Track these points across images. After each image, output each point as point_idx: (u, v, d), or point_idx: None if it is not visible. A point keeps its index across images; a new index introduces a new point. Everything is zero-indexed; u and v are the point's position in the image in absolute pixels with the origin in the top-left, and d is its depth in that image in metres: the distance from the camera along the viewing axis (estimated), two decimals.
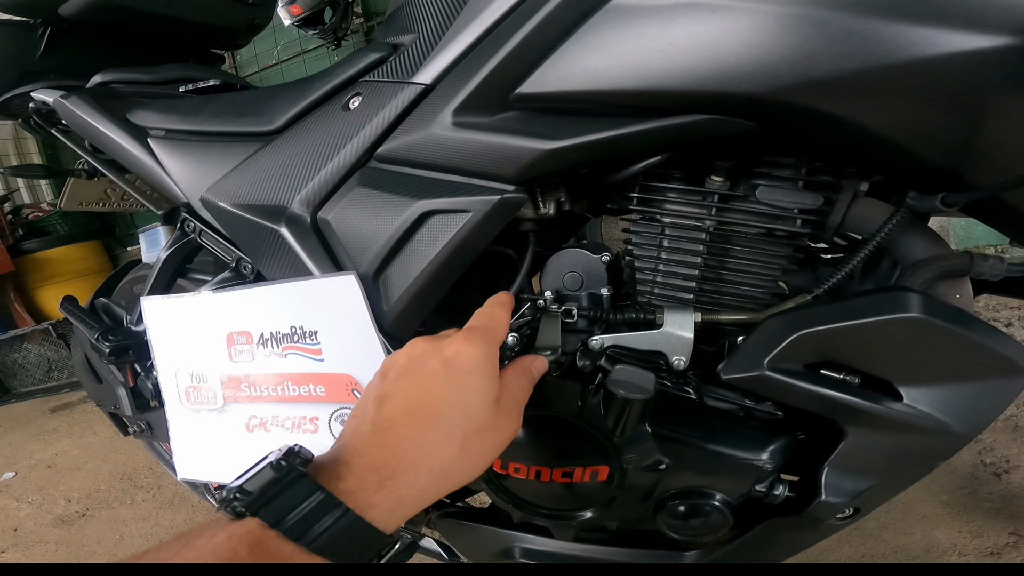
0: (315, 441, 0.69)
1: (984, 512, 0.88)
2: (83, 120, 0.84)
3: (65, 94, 0.87)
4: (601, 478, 0.51)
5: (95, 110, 0.82)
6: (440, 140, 0.52)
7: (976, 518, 0.87)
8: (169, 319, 0.78)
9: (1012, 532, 0.84)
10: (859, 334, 0.46)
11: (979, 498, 0.90)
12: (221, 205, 0.70)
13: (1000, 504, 0.88)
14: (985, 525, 0.86)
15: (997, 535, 0.84)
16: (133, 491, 1.56)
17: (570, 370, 0.53)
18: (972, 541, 0.84)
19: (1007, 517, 0.86)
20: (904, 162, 0.41)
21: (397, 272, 0.57)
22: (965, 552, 0.84)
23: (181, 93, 0.92)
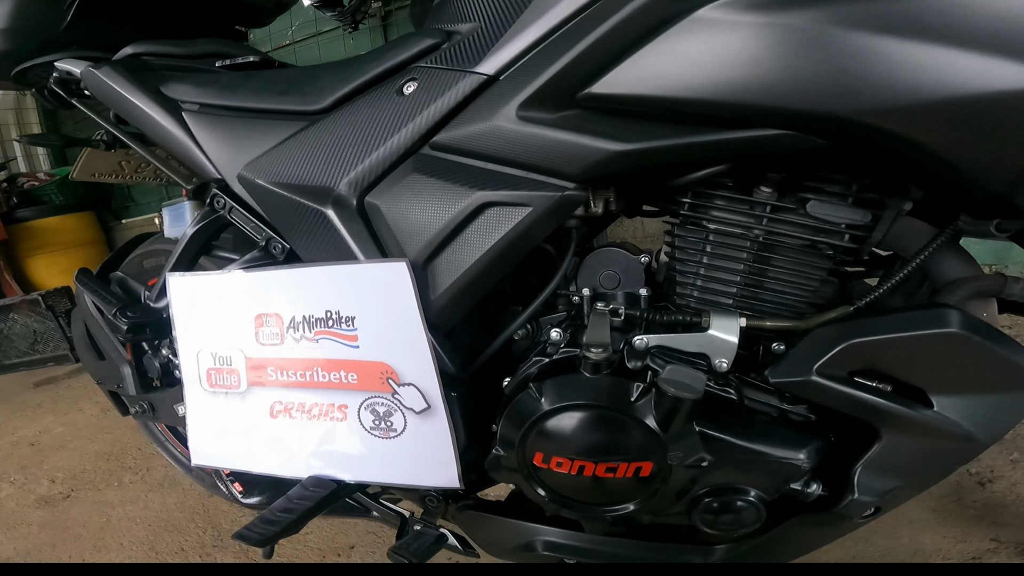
0: (343, 429, 0.67)
1: (968, 519, 0.91)
2: (112, 90, 0.80)
3: (95, 64, 0.83)
4: (644, 474, 0.51)
5: (127, 81, 0.79)
6: (503, 132, 0.51)
7: (960, 524, 0.90)
8: (195, 297, 0.75)
9: (993, 539, 0.87)
10: (905, 346, 0.47)
11: (964, 505, 0.93)
12: (260, 183, 0.68)
13: (983, 512, 0.92)
14: (969, 531, 0.89)
15: (980, 541, 0.87)
16: (120, 472, 1.49)
17: (619, 368, 0.52)
18: (956, 546, 0.87)
19: (989, 524, 0.89)
20: (965, 187, 0.42)
21: (448, 262, 0.56)
22: (949, 556, 0.86)
23: (217, 68, 0.88)
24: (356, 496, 0.75)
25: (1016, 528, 0.88)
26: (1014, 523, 0.89)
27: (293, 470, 0.72)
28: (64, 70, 0.90)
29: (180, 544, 1.21)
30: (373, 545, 1.11)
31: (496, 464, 0.59)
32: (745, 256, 0.54)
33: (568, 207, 0.52)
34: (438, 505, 0.69)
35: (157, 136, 0.79)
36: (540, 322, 0.63)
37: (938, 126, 0.38)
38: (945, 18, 0.36)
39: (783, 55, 0.40)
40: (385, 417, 0.64)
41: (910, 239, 0.54)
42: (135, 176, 1.22)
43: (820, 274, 0.54)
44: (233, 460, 0.78)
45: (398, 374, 0.61)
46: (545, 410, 0.52)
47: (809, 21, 0.39)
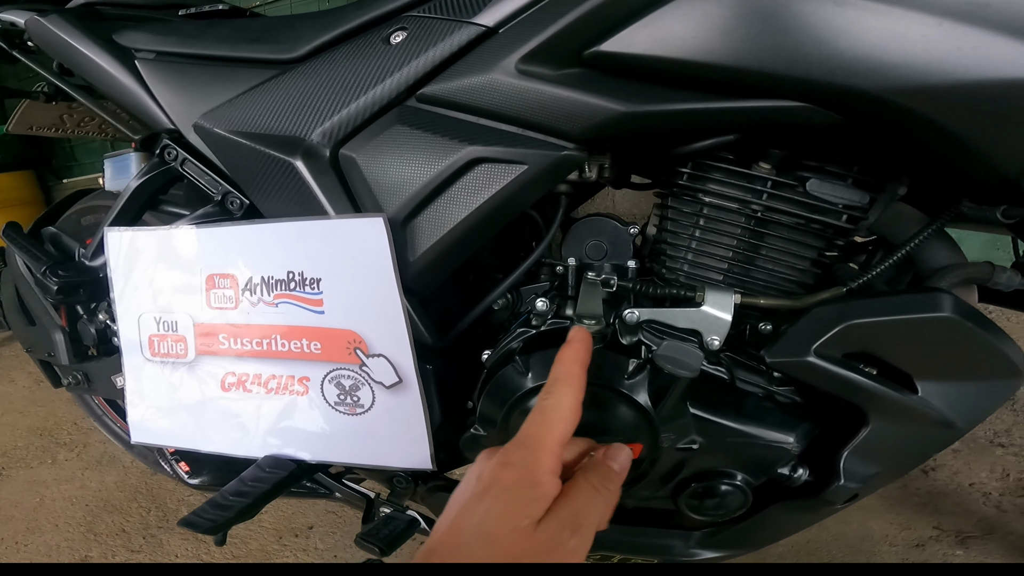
0: (304, 404, 0.60)
1: (912, 506, 0.93)
2: (59, 39, 0.71)
3: (42, 12, 0.73)
4: (633, 456, 0.47)
5: (75, 28, 0.70)
6: (501, 87, 0.45)
7: (905, 511, 0.92)
8: (137, 254, 0.65)
9: (935, 526, 0.88)
10: (901, 328, 0.44)
11: (909, 492, 0.95)
12: (219, 132, 0.59)
13: (927, 499, 0.94)
14: (913, 518, 0.90)
15: (923, 528, 0.88)
16: (55, 448, 1.34)
17: (611, 342, 0.48)
18: (901, 532, 0.88)
19: (932, 512, 0.91)
20: (977, 170, 0.40)
21: (430, 220, 0.49)
22: (895, 542, 0.87)
23: (180, 16, 0.79)
24: (317, 477, 0.68)
25: (956, 517, 0.90)
26: (954, 512, 0.91)
27: (247, 449, 0.64)
28: (7, 20, 0.80)
29: (121, 525, 1.09)
30: (333, 525, 1.04)
31: (473, 443, 0.53)
32: (739, 231, 0.51)
33: (566, 168, 0.47)
34: (407, 486, 0.63)
35: (105, 86, 0.71)
36: (521, 291, 0.57)
37: (964, 109, 0.36)
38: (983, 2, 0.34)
39: (815, 26, 0.37)
40: (351, 391, 0.57)
41: (900, 224, 0.52)
42: (77, 130, 1.08)
43: (812, 254, 0.51)
44: (179, 438, 0.69)
45: (367, 344, 0.54)
46: (532, 386, 0.47)
47: None
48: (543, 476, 0.32)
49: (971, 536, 0.86)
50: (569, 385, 0.36)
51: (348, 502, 0.71)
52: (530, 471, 0.32)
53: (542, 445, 0.33)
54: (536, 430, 0.34)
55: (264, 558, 1.00)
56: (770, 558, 0.88)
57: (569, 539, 0.31)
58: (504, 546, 0.30)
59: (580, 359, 0.37)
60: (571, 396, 0.35)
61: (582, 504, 0.33)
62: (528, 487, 0.32)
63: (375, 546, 0.55)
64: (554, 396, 0.35)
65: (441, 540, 0.32)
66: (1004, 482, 0.95)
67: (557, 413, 0.35)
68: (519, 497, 0.31)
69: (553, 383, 0.36)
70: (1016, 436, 1.02)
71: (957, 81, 0.35)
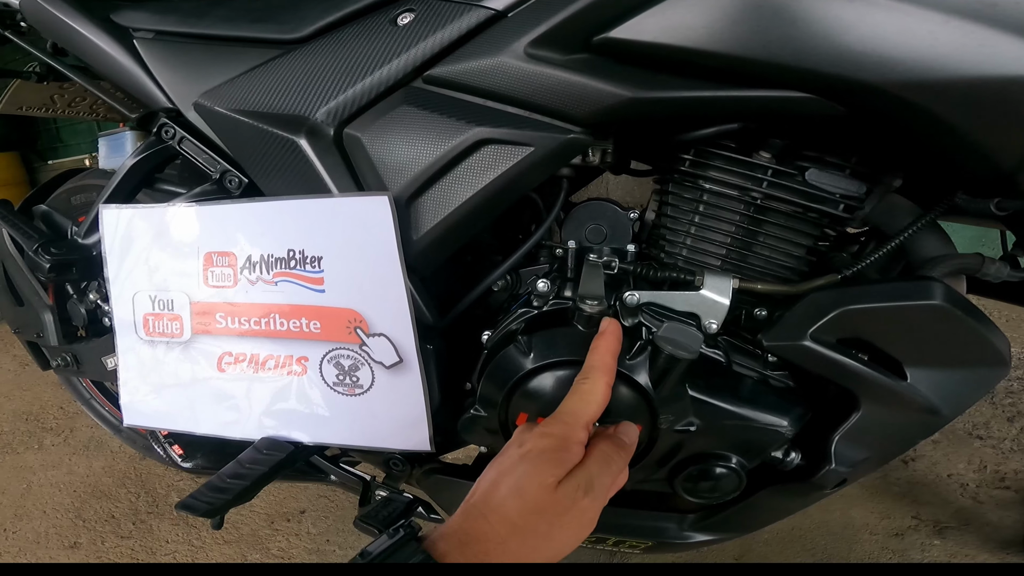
0: (302, 385, 0.59)
1: (892, 496, 0.95)
2: (54, 18, 0.70)
3: None
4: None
5: (72, 9, 0.69)
6: (509, 69, 0.45)
7: (885, 501, 0.94)
8: (132, 232, 0.64)
9: (914, 516, 0.91)
10: (894, 314, 0.45)
11: (889, 482, 0.97)
12: (220, 110, 0.58)
13: (906, 489, 0.96)
14: (893, 508, 0.92)
15: (902, 518, 0.90)
16: (41, 434, 1.31)
17: None
18: (881, 522, 0.90)
19: (911, 502, 0.93)
20: (975, 163, 0.41)
21: (435, 199, 0.49)
22: (875, 531, 0.89)
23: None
24: (314, 460, 0.67)
25: (934, 507, 0.92)
26: (933, 502, 0.93)
27: (243, 431, 0.63)
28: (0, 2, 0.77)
29: (110, 511, 1.08)
30: (325, 509, 1.03)
31: (471, 425, 0.53)
32: (739, 218, 0.51)
33: (572, 151, 0.47)
34: (403, 469, 0.63)
35: (102, 66, 0.69)
36: (520, 273, 0.57)
37: (966, 104, 0.37)
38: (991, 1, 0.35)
39: (824, 18, 0.37)
40: (350, 372, 0.57)
41: (894, 215, 0.53)
42: (68, 110, 1.06)
43: (808, 242, 0.52)
44: (173, 420, 0.68)
45: (368, 323, 0.54)
46: (534, 366, 0.47)
47: None
48: (573, 445, 0.38)
49: (948, 526, 0.88)
50: (603, 372, 0.41)
51: (343, 485, 0.71)
52: (563, 440, 0.38)
53: (576, 421, 0.39)
54: (573, 407, 0.40)
55: (256, 543, 0.99)
56: (756, 546, 0.89)
57: (583, 498, 0.37)
58: (531, 499, 0.36)
59: (612, 349, 0.42)
60: (604, 382, 0.40)
61: (595, 469, 0.38)
62: (557, 452, 0.37)
63: (374, 528, 0.55)
64: (590, 381, 0.40)
65: (482, 495, 0.37)
66: (981, 474, 0.97)
67: (592, 396, 0.40)
68: (550, 459, 0.37)
69: (590, 369, 0.41)
70: (994, 429, 1.05)
71: (961, 77, 0.36)
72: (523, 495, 0.36)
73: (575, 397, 0.40)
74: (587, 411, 0.39)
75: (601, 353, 0.41)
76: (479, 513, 0.36)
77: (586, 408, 0.39)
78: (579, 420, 0.39)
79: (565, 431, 0.38)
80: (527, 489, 0.36)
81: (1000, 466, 0.98)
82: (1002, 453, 1.00)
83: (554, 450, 0.37)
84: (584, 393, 0.40)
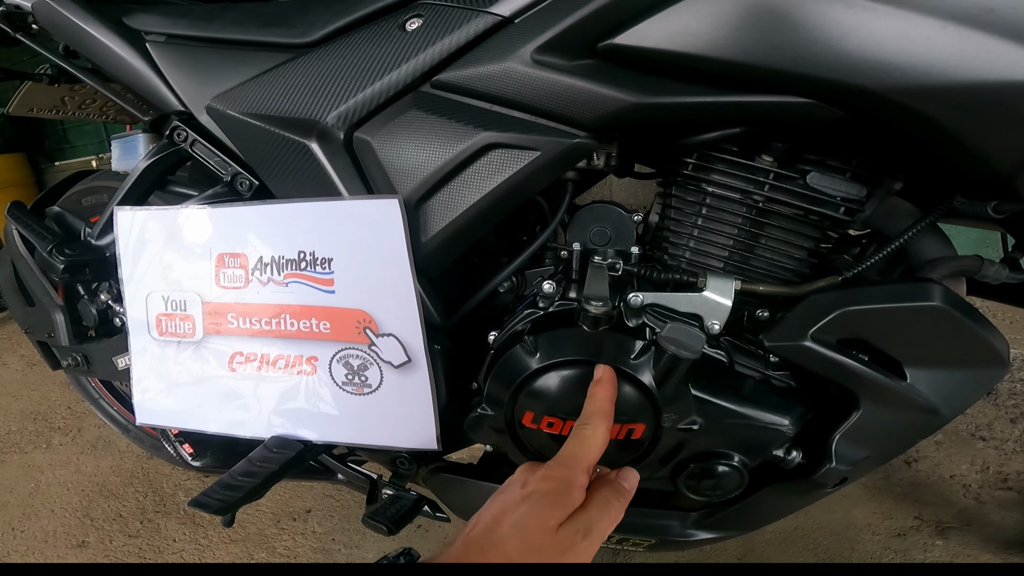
0: (311, 384, 0.60)
1: (895, 496, 0.95)
2: (68, 21, 0.71)
3: None
4: (636, 436, 0.48)
5: (84, 11, 0.71)
6: (516, 75, 0.47)
7: (888, 501, 0.94)
8: (146, 234, 0.65)
9: (916, 516, 0.91)
10: (893, 316, 0.46)
11: (891, 483, 0.98)
12: (232, 114, 0.60)
13: (908, 490, 0.96)
14: (895, 508, 0.93)
15: (904, 518, 0.91)
16: (49, 433, 1.33)
17: (616, 324, 0.49)
18: (884, 522, 0.91)
19: (913, 502, 0.94)
20: (972, 167, 0.42)
21: (443, 202, 0.50)
22: (877, 531, 0.90)
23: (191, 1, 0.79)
24: (321, 458, 0.69)
25: (937, 507, 0.93)
26: (935, 502, 0.94)
27: (253, 430, 0.64)
28: (12, 4, 0.79)
29: (118, 510, 1.09)
30: (331, 509, 1.04)
31: (478, 424, 0.54)
32: (741, 221, 0.53)
33: (577, 155, 0.48)
34: (409, 468, 0.64)
35: (115, 68, 0.71)
36: (526, 275, 0.59)
37: (963, 108, 0.38)
38: (989, 7, 0.36)
39: (824, 25, 0.38)
40: (359, 371, 0.58)
41: (894, 217, 0.54)
42: (78, 112, 1.08)
43: (810, 244, 0.53)
44: (184, 418, 0.69)
45: (377, 323, 0.55)
46: (540, 366, 0.48)
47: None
48: (575, 489, 0.39)
49: (950, 527, 0.89)
50: (602, 418, 0.42)
51: (351, 484, 0.72)
52: (566, 484, 0.39)
53: (578, 465, 0.40)
54: (575, 452, 0.41)
55: (262, 541, 1.00)
56: (758, 546, 0.90)
57: (581, 541, 0.38)
58: (531, 540, 0.37)
59: (610, 396, 0.44)
60: (603, 427, 0.42)
61: (596, 515, 0.39)
62: (559, 495, 0.39)
63: (383, 525, 0.56)
64: (591, 427, 0.42)
65: (483, 531, 0.38)
66: (984, 475, 0.98)
67: (592, 440, 0.41)
68: (553, 502, 0.38)
69: (589, 415, 0.43)
70: (997, 430, 1.06)
71: (959, 82, 0.37)
72: (524, 535, 0.37)
73: (576, 442, 0.41)
74: (588, 455, 0.40)
75: (599, 400, 0.43)
76: (479, 548, 0.37)
77: (587, 453, 0.40)
78: (580, 464, 0.40)
79: (567, 475, 0.39)
80: (528, 529, 0.37)
81: (1003, 467, 0.99)
82: (1005, 454, 1.01)
83: (557, 493, 0.38)
84: (584, 438, 0.41)
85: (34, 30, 0.83)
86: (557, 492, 0.38)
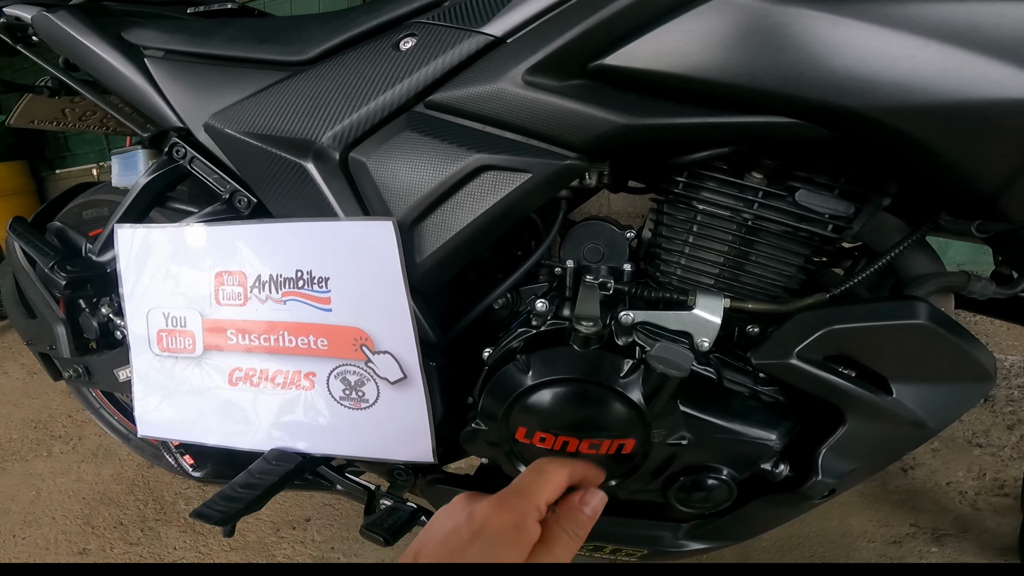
0: (309, 399, 0.62)
1: (891, 504, 0.96)
2: (67, 35, 0.73)
3: (49, 7, 0.75)
4: (626, 451, 0.50)
5: (83, 25, 0.72)
6: (507, 96, 0.48)
7: (884, 508, 0.96)
8: (147, 251, 0.67)
9: (912, 524, 0.92)
10: (878, 334, 0.47)
11: (888, 490, 0.99)
12: (230, 132, 0.61)
13: (905, 497, 0.97)
14: (891, 516, 0.94)
15: (900, 525, 0.92)
16: (50, 441, 1.34)
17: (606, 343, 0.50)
18: (880, 529, 0.92)
19: (909, 510, 0.95)
20: (956, 186, 0.43)
21: (437, 224, 0.52)
22: (873, 539, 0.91)
23: (188, 15, 0.80)
24: (320, 470, 0.70)
25: (933, 515, 0.94)
26: (931, 509, 0.95)
27: (253, 442, 0.66)
28: (12, 15, 0.81)
29: (118, 518, 1.11)
30: (330, 518, 1.06)
31: (473, 437, 0.56)
32: (731, 238, 0.54)
33: (568, 176, 0.49)
34: (407, 479, 0.65)
35: (113, 83, 0.72)
36: (520, 292, 0.60)
37: (947, 127, 0.39)
38: (972, 24, 0.36)
39: (809, 45, 0.39)
40: (356, 387, 0.59)
41: (882, 233, 0.55)
42: (79, 124, 1.09)
43: (799, 261, 0.54)
44: (185, 431, 0.70)
45: (373, 341, 0.57)
46: (532, 383, 0.49)
47: (838, 14, 0.38)
48: (531, 524, 0.36)
49: (946, 534, 0.90)
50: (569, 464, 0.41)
51: (349, 495, 0.74)
52: (522, 517, 0.36)
53: (536, 497, 0.38)
54: (533, 485, 0.39)
55: (262, 550, 1.02)
56: (754, 553, 0.91)
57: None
58: None
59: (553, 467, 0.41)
60: (568, 472, 0.40)
61: (557, 552, 0.37)
62: (518, 532, 0.36)
63: (380, 536, 0.57)
64: (555, 464, 0.40)
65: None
66: (980, 481, 0.99)
67: (553, 476, 0.39)
68: (510, 542, 0.35)
69: (539, 467, 0.40)
70: (994, 437, 1.07)
71: (941, 101, 0.37)
72: None
73: (536, 475, 0.39)
74: (546, 490, 0.38)
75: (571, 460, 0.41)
76: None
77: (545, 487, 0.38)
78: (538, 497, 0.37)
79: (524, 507, 0.36)
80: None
81: (999, 474, 1.00)
82: (1001, 461, 1.02)
83: (514, 531, 0.35)
84: (546, 473, 0.39)
85: (34, 42, 0.84)
86: (514, 530, 0.35)
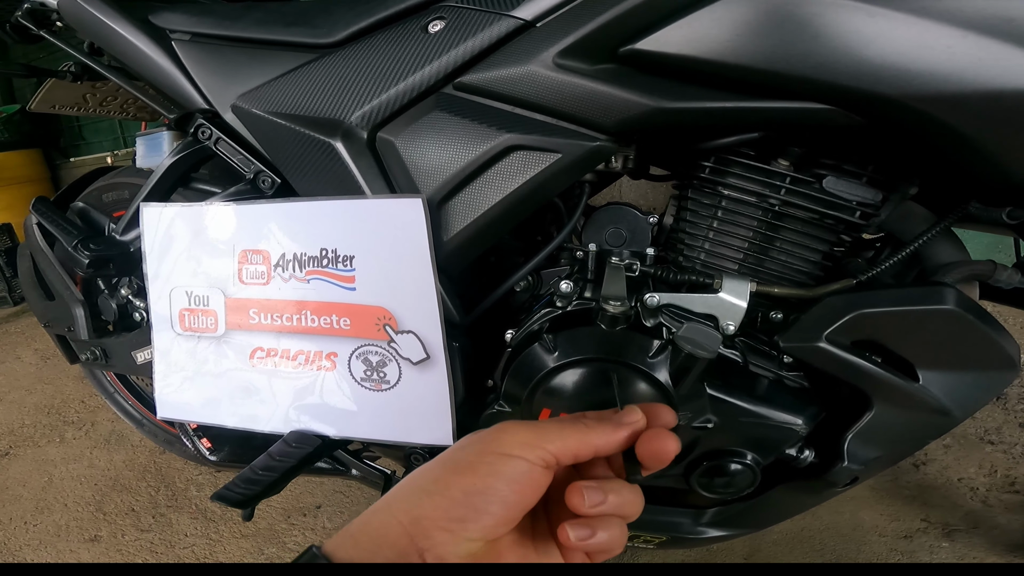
0: (330, 380, 0.62)
1: (902, 499, 0.96)
2: (93, 18, 0.73)
3: None
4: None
5: (110, 8, 0.72)
6: (538, 79, 0.48)
7: (895, 503, 0.95)
8: (171, 229, 0.67)
9: (923, 519, 0.92)
10: (906, 319, 0.47)
11: (899, 485, 0.99)
12: (258, 113, 0.61)
13: (916, 492, 0.97)
14: (902, 510, 0.94)
15: (911, 520, 0.92)
16: (62, 427, 1.34)
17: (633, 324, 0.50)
18: (891, 524, 0.92)
19: (920, 505, 0.94)
20: (988, 174, 0.42)
21: (465, 203, 0.52)
22: (884, 533, 0.91)
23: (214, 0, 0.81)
24: (337, 454, 0.70)
25: (944, 510, 0.93)
26: (942, 505, 0.94)
27: (272, 424, 0.66)
28: (37, 1, 0.80)
29: (130, 504, 1.10)
30: (341, 504, 1.05)
31: (494, 420, 0.55)
32: (756, 224, 0.53)
33: (597, 158, 0.49)
34: (423, 463, 0.65)
35: (140, 66, 0.72)
36: (542, 274, 0.60)
37: (981, 116, 0.39)
38: (1008, 17, 0.36)
39: (845, 33, 0.39)
40: (378, 367, 0.59)
41: (909, 221, 0.54)
42: (99, 109, 1.10)
43: (824, 247, 0.54)
44: (204, 413, 0.70)
45: (397, 320, 0.56)
46: (559, 364, 0.49)
47: (874, 3, 0.38)
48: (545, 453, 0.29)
49: (957, 529, 0.90)
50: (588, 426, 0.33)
51: (365, 479, 0.73)
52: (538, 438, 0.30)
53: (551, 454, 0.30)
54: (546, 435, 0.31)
55: (273, 537, 1.01)
56: (765, 546, 0.91)
57: None
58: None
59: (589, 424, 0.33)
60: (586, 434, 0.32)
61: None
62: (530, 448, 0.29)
63: None
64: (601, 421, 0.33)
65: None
66: (992, 478, 0.98)
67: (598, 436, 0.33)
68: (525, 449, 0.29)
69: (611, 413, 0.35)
70: (1006, 434, 1.06)
71: (977, 90, 0.38)
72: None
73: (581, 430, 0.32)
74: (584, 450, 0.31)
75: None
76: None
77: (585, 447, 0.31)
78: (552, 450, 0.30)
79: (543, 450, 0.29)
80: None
81: (1011, 470, 0.99)
82: (1013, 458, 1.01)
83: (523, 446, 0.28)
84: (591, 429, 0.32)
85: (58, 27, 0.85)
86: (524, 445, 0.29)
